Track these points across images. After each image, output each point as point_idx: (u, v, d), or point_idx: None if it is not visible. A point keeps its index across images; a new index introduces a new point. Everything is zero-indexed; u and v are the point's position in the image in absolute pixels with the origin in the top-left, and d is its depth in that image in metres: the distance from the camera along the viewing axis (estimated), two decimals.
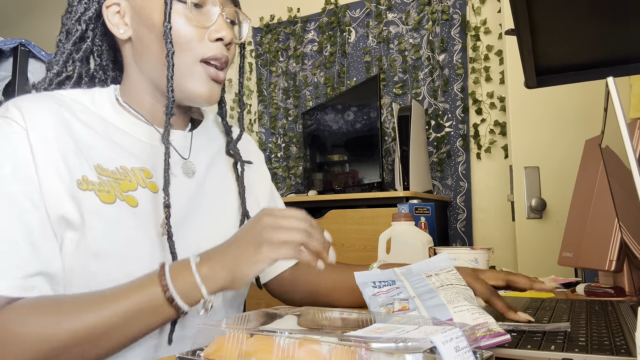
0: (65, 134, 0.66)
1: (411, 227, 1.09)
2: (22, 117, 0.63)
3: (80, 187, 0.64)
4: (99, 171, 0.67)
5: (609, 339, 0.52)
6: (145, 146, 0.73)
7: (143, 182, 0.71)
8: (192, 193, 0.76)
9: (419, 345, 0.33)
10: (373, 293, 0.59)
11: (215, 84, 0.73)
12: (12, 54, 2.09)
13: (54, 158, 0.64)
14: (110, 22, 0.73)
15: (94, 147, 0.68)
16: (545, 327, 0.55)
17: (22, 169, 0.62)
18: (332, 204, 2.24)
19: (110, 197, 0.66)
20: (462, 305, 0.54)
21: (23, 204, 0.60)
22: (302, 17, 3.03)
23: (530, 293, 0.98)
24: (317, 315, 0.52)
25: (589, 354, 0.46)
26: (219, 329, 0.43)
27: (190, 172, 0.77)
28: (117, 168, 0.69)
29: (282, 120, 3.09)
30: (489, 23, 2.48)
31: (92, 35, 0.76)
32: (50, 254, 0.62)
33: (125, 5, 0.73)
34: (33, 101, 0.66)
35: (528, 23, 0.73)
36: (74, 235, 0.63)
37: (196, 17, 0.70)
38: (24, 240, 0.59)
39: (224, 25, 0.72)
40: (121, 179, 0.69)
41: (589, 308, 0.72)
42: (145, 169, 0.72)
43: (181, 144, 0.78)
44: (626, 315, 0.67)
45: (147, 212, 0.69)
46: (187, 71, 0.70)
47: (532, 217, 1.93)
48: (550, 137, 1.94)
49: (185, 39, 0.69)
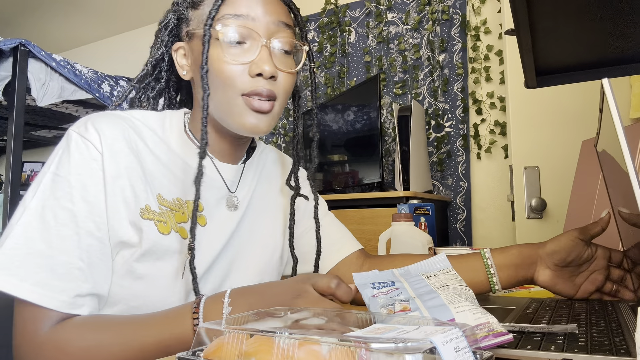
0: (135, 161, 0.69)
1: (411, 227, 1.09)
2: (99, 141, 0.67)
3: (143, 216, 0.68)
4: (159, 201, 0.71)
5: (609, 339, 0.52)
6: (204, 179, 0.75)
7: None
8: (234, 225, 0.79)
9: (418, 345, 0.33)
10: (372, 294, 0.59)
11: (261, 114, 0.72)
12: (12, 54, 2.09)
13: (123, 185, 0.67)
14: (178, 64, 0.78)
15: (157, 176, 0.72)
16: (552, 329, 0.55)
17: (93, 192, 0.65)
18: (332, 204, 2.23)
19: (166, 228, 0.70)
20: (463, 306, 0.54)
21: (87, 225, 0.64)
22: (302, 17, 3.03)
23: (530, 293, 0.98)
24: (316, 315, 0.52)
25: (589, 354, 0.46)
26: (218, 329, 0.43)
27: (233, 206, 0.79)
28: (174, 199, 0.72)
29: (283, 121, 3.10)
30: (489, 23, 2.48)
31: (166, 76, 0.82)
32: (103, 277, 0.66)
33: (187, 49, 0.76)
34: (110, 124, 0.69)
35: (528, 23, 0.73)
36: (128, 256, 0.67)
37: (236, 55, 0.71)
38: (81, 260, 0.63)
39: (265, 59, 0.71)
40: (176, 210, 0.72)
41: (589, 308, 0.72)
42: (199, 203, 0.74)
43: (231, 177, 0.80)
44: (626, 315, 0.67)
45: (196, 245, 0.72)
46: (230, 105, 0.72)
47: (532, 217, 1.93)
48: (550, 137, 1.94)
49: (224, 77, 0.70)
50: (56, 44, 4.43)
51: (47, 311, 0.60)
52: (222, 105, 0.72)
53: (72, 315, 0.62)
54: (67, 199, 0.63)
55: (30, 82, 2.13)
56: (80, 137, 0.67)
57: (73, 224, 0.63)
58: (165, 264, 0.69)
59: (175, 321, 0.61)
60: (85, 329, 0.60)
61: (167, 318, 0.62)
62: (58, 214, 0.62)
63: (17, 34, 4.26)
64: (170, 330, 0.60)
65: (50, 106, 2.48)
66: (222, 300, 0.61)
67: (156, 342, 0.60)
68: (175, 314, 0.62)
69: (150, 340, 0.60)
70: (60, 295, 0.60)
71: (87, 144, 0.66)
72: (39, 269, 0.60)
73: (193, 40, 0.75)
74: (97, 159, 0.66)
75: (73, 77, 2.30)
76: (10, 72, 2.08)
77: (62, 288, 0.61)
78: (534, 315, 0.66)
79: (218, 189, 0.78)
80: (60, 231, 0.62)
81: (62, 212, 0.63)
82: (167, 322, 0.61)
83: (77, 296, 0.62)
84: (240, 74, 0.71)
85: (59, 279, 0.60)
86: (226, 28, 0.70)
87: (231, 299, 0.61)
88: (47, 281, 0.60)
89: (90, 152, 0.66)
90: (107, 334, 0.60)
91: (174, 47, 0.78)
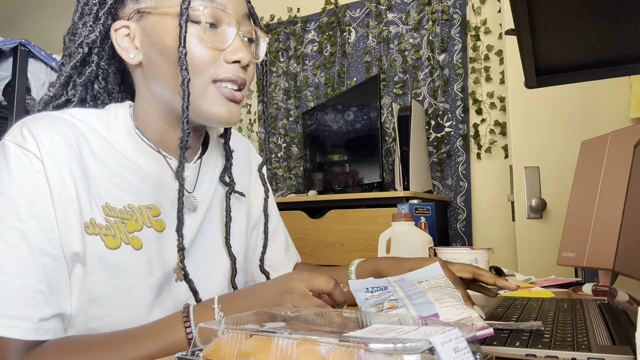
0: (79, 169, 0.63)
1: (411, 227, 1.09)
2: (37, 148, 0.60)
3: (87, 231, 0.62)
4: (106, 212, 0.65)
5: (572, 336, 0.54)
6: (154, 181, 0.70)
7: (149, 220, 0.69)
8: (195, 229, 0.74)
9: (417, 346, 0.33)
10: (365, 297, 0.61)
11: (234, 104, 0.69)
12: (12, 54, 2.09)
13: (69, 196, 0.61)
14: (120, 45, 0.69)
15: (103, 184, 0.65)
16: (519, 326, 0.58)
17: (41, 207, 0.59)
18: (332, 204, 2.24)
19: (115, 242, 0.64)
20: (447, 302, 0.56)
21: (40, 243, 0.58)
22: (302, 17, 3.03)
23: (530, 292, 0.98)
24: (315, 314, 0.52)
25: (551, 350, 0.48)
26: (218, 329, 0.43)
27: (192, 207, 0.74)
28: (124, 207, 0.67)
29: (283, 121, 3.09)
30: (489, 23, 2.48)
31: (97, 59, 0.72)
32: (64, 294, 0.61)
33: (136, 28, 0.68)
34: (48, 130, 0.62)
35: (528, 23, 0.73)
36: (80, 274, 0.62)
37: (211, 39, 0.66)
38: (40, 282, 0.58)
39: (240, 46, 0.67)
40: (127, 218, 0.66)
41: (558, 307, 0.73)
42: (154, 206, 0.69)
43: (188, 178, 0.75)
44: (592, 313, 0.69)
45: (151, 253, 0.68)
46: (201, 93, 0.66)
47: (532, 217, 1.93)
48: (550, 137, 1.93)
49: (200, 61, 0.65)
50: (56, 44, 4.43)
51: (13, 341, 0.55)
52: (191, 91, 0.65)
53: (40, 341, 0.58)
54: (14, 217, 0.57)
55: (30, 82, 2.13)
56: (18, 148, 0.60)
57: (25, 244, 0.57)
58: (119, 281, 0.64)
59: (166, 332, 0.59)
60: (65, 353, 0.56)
61: (158, 330, 0.59)
62: (6, 235, 0.57)
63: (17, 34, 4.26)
64: (163, 342, 0.58)
65: None
66: (211, 306, 0.61)
67: (149, 356, 0.57)
68: (166, 325, 0.60)
69: (143, 354, 0.57)
70: (23, 323, 0.56)
71: (26, 154, 0.59)
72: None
73: (146, 19, 0.67)
74: (40, 169, 0.60)
75: None
76: (10, 72, 2.08)
77: (23, 315, 0.56)
78: (504, 313, 0.68)
79: (173, 190, 0.71)
80: (12, 254, 0.57)
81: (10, 233, 0.57)
82: (157, 334, 0.59)
83: (41, 320, 0.57)
84: (214, 59, 0.66)
85: (18, 305, 0.56)
86: (204, 10, 0.65)
87: (220, 305, 0.61)
88: (6, 310, 0.55)
89: (32, 163, 0.59)
90: (91, 354, 0.56)
91: (115, 26, 0.68)
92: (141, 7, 0.68)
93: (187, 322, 0.59)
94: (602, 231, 1.08)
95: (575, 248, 1.14)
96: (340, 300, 0.62)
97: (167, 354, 0.58)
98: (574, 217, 1.20)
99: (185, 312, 0.61)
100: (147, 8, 0.67)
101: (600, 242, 1.07)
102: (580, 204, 1.19)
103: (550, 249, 1.82)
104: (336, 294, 0.61)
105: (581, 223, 1.15)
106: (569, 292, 1.02)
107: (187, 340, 0.59)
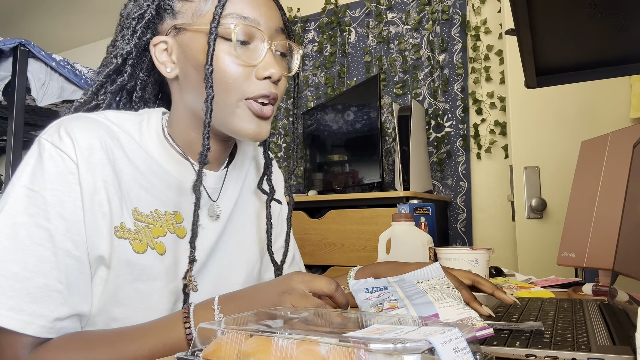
0: (112, 174, 0.64)
1: (411, 227, 1.09)
2: (74, 152, 0.61)
3: (117, 235, 0.64)
4: (135, 216, 0.66)
5: (572, 336, 0.54)
6: (180, 187, 0.72)
7: (173, 227, 0.70)
8: (215, 237, 0.76)
9: (417, 346, 0.33)
10: (365, 297, 0.61)
11: (262, 120, 0.70)
12: (12, 54, 2.09)
13: (100, 200, 0.63)
14: (158, 60, 0.71)
15: (134, 188, 0.67)
16: (519, 326, 0.58)
17: (70, 208, 0.60)
18: (332, 204, 2.24)
19: (142, 247, 0.66)
20: (447, 302, 0.56)
21: (65, 244, 0.60)
22: (302, 17, 3.03)
23: (530, 292, 0.98)
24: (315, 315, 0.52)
25: (551, 350, 0.48)
26: (218, 329, 0.43)
27: (215, 215, 0.76)
28: (151, 212, 0.68)
29: (283, 121, 3.10)
30: (489, 23, 2.48)
31: (131, 70, 0.75)
32: (84, 295, 0.62)
33: (173, 44, 0.70)
34: (85, 132, 0.63)
35: (528, 23, 0.73)
36: (104, 275, 0.64)
37: (242, 56, 0.67)
38: (60, 282, 0.59)
39: (272, 62, 0.68)
40: (153, 224, 0.68)
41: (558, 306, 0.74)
42: (178, 213, 0.71)
43: (212, 185, 0.76)
44: (592, 313, 0.69)
45: (172, 259, 0.69)
46: (231, 110, 0.68)
47: (532, 217, 1.93)
48: (550, 137, 1.93)
49: (232, 79, 0.67)
50: (56, 44, 4.43)
51: (26, 337, 0.57)
52: (222, 108, 0.68)
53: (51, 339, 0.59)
54: (42, 216, 0.59)
55: (30, 82, 2.13)
56: (53, 148, 0.61)
57: (50, 244, 0.58)
58: (143, 285, 0.66)
59: (166, 331, 0.60)
60: (71, 349, 0.57)
61: (158, 328, 0.60)
62: (33, 233, 0.58)
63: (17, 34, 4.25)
64: (163, 341, 0.59)
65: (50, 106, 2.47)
66: (211, 307, 0.61)
67: (150, 354, 0.58)
68: (166, 324, 0.61)
69: (144, 352, 0.58)
70: (38, 320, 0.57)
71: (62, 155, 0.61)
72: (13, 292, 0.56)
73: (182, 35, 0.69)
74: (74, 171, 0.61)
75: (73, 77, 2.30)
76: (10, 72, 2.07)
77: (40, 313, 0.57)
78: (504, 313, 0.68)
79: None
80: (37, 251, 0.58)
81: (37, 231, 0.58)
82: (158, 332, 0.60)
83: (57, 320, 0.58)
84: (246, 76, 0.67)
85: (36, 303, 0.57)
86: (236, 28, 0.66)
87: (220, 305, 0.61)
88: (24, 306, 0.56)
89: (67, 165, 0.61)
90: (95, 351, 0.58)
91: (154, 41, 0.71)
92: (178, 24, 0.70)
93: (186, 322, 0.60)
94: (602, 231, 1.08)
95: (575, 248, 1.14)
96: (342, 302, 0.62)
97: (167, 353, 0.59)
98: (574, 217, 1.20)
99: (185, 311, 0.61)
100: (184, 24, 0.69)
101: (600, 242, 1.07)
102: (580, 204, 1.19)
103: (550, 249, 1.82)
104: (338, 296, 0.61)
105: (581, 223, 1.15)
106: (569, 292, 1.02)
107: (186, 339, 0.59)
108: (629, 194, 0.73)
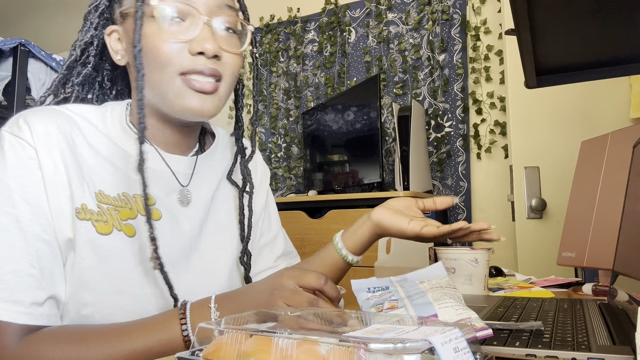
0: (72, 157, 0.65)
1: None
2: (31, 137, 0.62)
3: (78, 217, 0.64)
4: (99, 199, 0.66)
5: (572, 336, 0.54)
6: (149, 171, 0.70)
7: (144, 209, 0.69)
8: (190, 224, 0.74)
9: (417, 346, 0.33)
10: (367, 297, 0.61)
11: (206, 95, 0.67)
12: (12, 54, 2.09)
13: (61, 182, 0.63)
14: (112, 49, 0.72)
15: (97, 171, 0.67)
16: (519, 326, 0.58)
17: (33, 193, 0.61)
18: (332, 204, 2.24)
19: (107, 228, 0.65)
20: (446, 302, 0.56)
21: (32, 228, 0.60)
22: (302, 17, 3.03)
23: (530, 292, 0.97)
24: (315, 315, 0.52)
25: (551, 350, 0.48)
26: (218, 329, 0.43)
27: (185, 200, 0.75)
28: (118, 194, 0.68)
29: (283, 121, 3.09)
30: (489, 23, 2.48)
31: (95, 61, 0.75)
32: (58, 280, 0.62)
33: (122, 31, 0.71)
34: (42, 119, 0.64)
35: (528, 23, 0.73)
36: (71, 260, 0.63)
37: (175, 32, 0.66)
38: (32, 267, 0.59)
39: (208, 37, 0.66)
40: (121, 206, 0.67)
41: (558, 306, 0.74)
42: (149, 195, 0.69)
43: (182, 170, 0.75)
44: (592, 313, 0.69)
45: (145, 241, 0.68)
46: (167, 86, 0.66)
47: (532, 217, 1.93)
48: (550, 137, 1.93)
49: (163, 56, 0.65)
50: (56, 44, 4.43)
51: (8, 326, 0.57)
52: (160, 87, 0.66)
53: (35, 325, 0.59)
54: (7, 203, 0.59)
55: (30, 82, 2.13)
56: (12, 137, 0.62)
57: (17, 229, 0.59)
58: (110, 267, 0.64)
59: (162, 328, 0.59)
60: (62, 341, 0.58)
61: (154, 325, 0.60)
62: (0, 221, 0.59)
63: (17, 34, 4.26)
64: (157, 338, 0.59)
65: None
66: (208, 305, 0.61)
67: (143, 350, 0.58)
68: (162, 321, 0.60)
69: (137, 348, 0.58)
70: (14, 307, 0.57)
71: (20, 142, 0.62)
72: None
73: (127, 21, 0.69)
74: (33, 156, 0.62)
75: None
76: (10, 72, 2.07)
77: (15, 299, 0.57)
78: (504, 313, 0.68)
79: (167, 182, 0.73)
80: (5, 238, 0.58)
81: (3, 218, 0.59)
82: (153, 329, 0.59)
83: (34, 304, 0.58)
84: (179, 52, 0.66)
85: (9, 289, 0.57)
86: (163, 3, 0.65)
87: (217, 304, 0.61)
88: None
89: (26, 151, 0.62)
90: (87, 344, 0.57)
91: (107, 31, 0.71)
92: (122, 10, 0.70)
93: (183, 319, 0.60)
94: (602, 231, 1.08)
95: (575, 248, 1.14)
96: (333, 295, 0.61)
97: (161, 350, 0.59)
98: (574, 217, 1.20)
99: (182, 309, 0.61)
100: (125, 10, 0.70)
101: (600, 242, 1.07)
102: (580, 204, 1.19)
103: (550, 249, 1.82)
104: (328, 289, 0.61)
105: (581, 223, 1.15)
106: (569, 292, 1.02)
107: (182, 337, 0.59)
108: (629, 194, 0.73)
